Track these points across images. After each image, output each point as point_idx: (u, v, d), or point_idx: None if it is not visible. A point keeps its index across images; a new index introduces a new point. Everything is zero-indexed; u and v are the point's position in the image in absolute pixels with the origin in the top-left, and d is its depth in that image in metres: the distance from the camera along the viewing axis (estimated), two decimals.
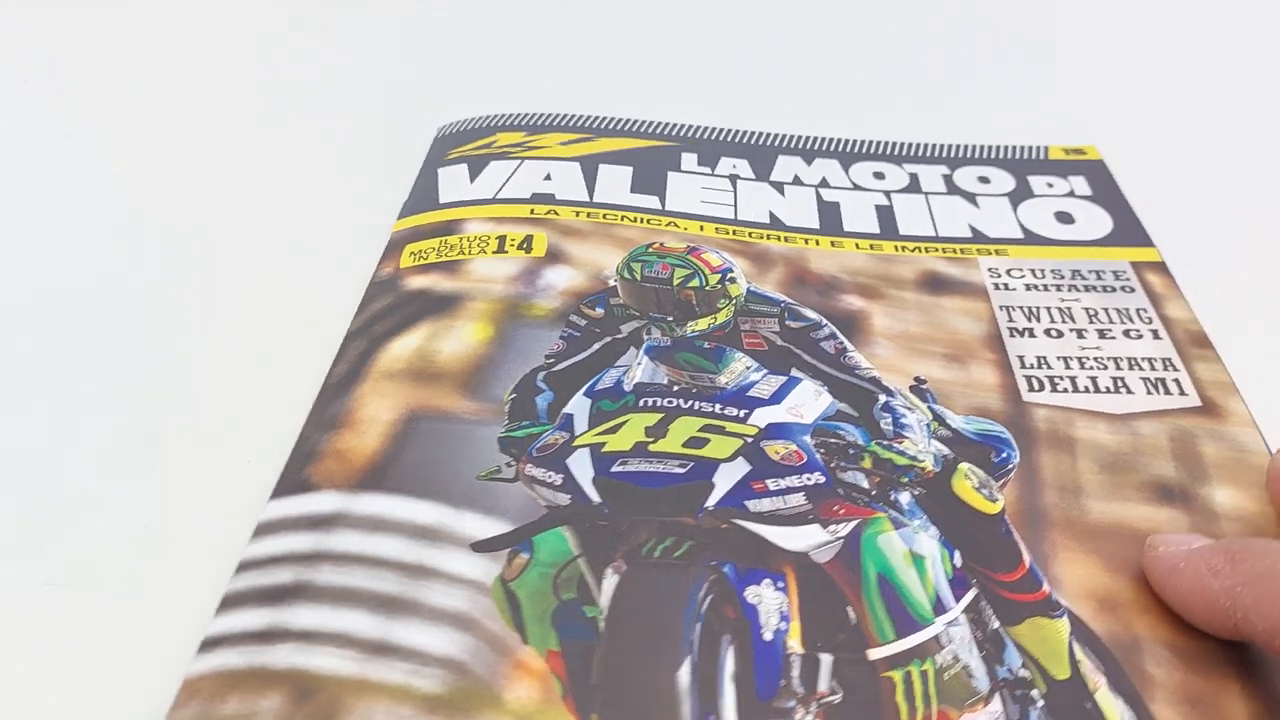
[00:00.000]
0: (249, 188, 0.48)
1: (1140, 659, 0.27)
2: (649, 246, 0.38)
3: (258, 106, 0.55)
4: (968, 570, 0.29)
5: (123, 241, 0.45)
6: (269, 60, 0.60)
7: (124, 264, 0.43)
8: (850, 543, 0.29)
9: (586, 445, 0.31)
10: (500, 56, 0.60)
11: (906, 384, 0.35)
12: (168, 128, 0.53)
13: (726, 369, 0.33)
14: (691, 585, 0.27)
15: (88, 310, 0.40)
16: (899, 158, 0.48)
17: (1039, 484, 0.32)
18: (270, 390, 0.36)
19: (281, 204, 0.47)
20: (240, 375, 0.37)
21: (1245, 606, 0.26)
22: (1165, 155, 0.50)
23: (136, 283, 0.42)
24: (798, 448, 0.31)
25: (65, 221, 0.46)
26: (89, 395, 0.37)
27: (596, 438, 0.31)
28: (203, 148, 0.51)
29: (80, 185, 0.48)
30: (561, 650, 0.27)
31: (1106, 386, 0.36)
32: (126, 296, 0.41)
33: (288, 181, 0.48)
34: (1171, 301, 0.39)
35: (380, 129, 0.52)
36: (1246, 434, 0.34)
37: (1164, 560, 0.28)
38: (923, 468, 0.31)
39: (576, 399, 0.33)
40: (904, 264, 0.41)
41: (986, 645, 0.28)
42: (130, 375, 0.37)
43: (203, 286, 0.42)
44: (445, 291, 0.39)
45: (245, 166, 0.50)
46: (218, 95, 0.56)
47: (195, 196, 0.47)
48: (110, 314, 0.40)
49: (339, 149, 0.51)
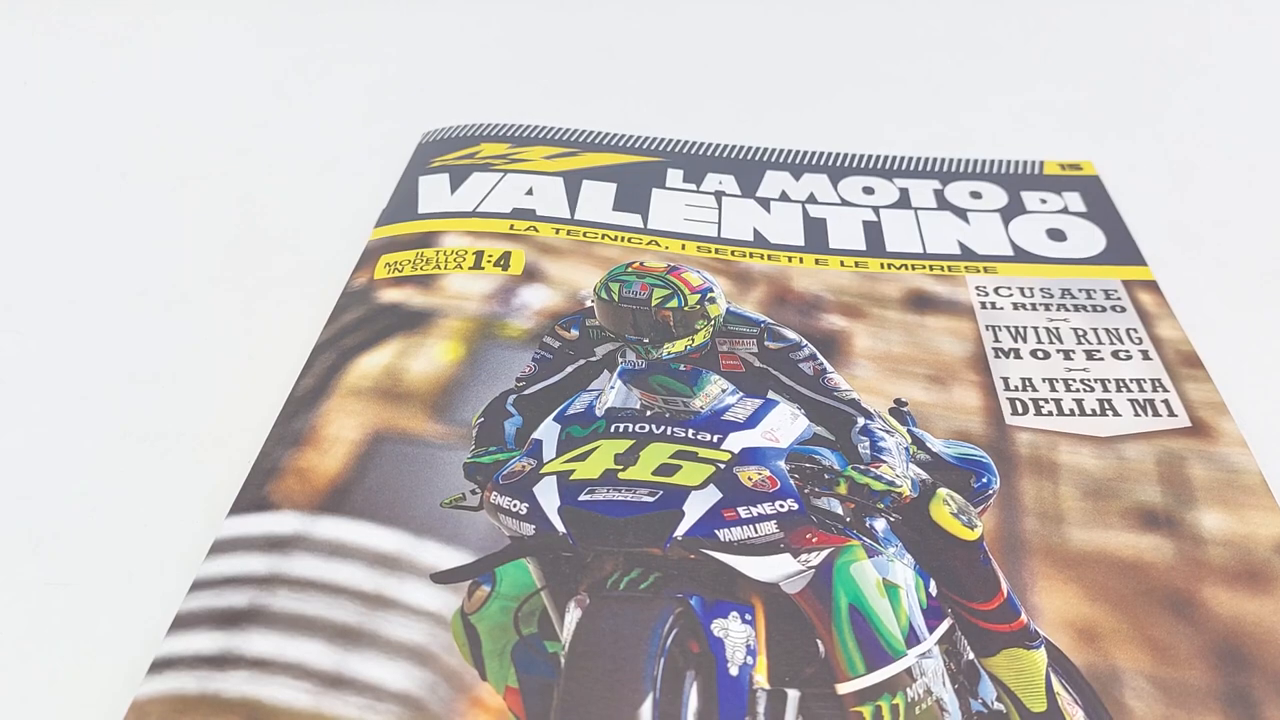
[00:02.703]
0: (228, 187, 0.48)
1: (1120, 691, 0.27)
2: (629, 266, 0.37)
3: (244, 104, 0.55)
4: (943, 599, 0.28)
5: (92, 238, 0.44)
6: (255, 59, 0.59)
7: (88, 262, 0.43)
8: (822, 572, 0.28)
9: (554, 473, 0.30)
10: (490, 65, 0.59)
11: (886, 406, 0.34)
12: (149, 126, 0.53)
13: (701, 392, 0.32)
14: (656, 619, 0.26)
15: (51, 311, 0.40)
16: (890, 172, 0.48)
17: (1019, 510, 0.31)
18: (234, 398, 0.36)
19: (259, 206, 0.46)
20: (203, 381, 0.37)
21: None
22: (1162, 171, 0.50)
23: (99, 280, 0.42)
24: (771, 473, 0.30)
25: (34, 221, 0.46)
26: (47, 398, 0.36)
27: (565, 465, 0.30)
28: (187, 144, 0.51)
29: (53, 186, 0.48)
30: (520, 687, 0.26)
31: (1092, 409, 0.35)
32: (88, 296, 0.41)
33: (267, 183, 0.48)
34: (1163, 321, 0.38)
35: (365, 132, 0.52)
36: (1238, 454, 0.33)
37: None
38: (900, 493, 0.30)
39: (546, 424, 0.32)
40: (889, 282, 0.41)
41: (960, 677, 0.27)
42: (88, 376, 0.37)
43: (172, 286, 0.42)
44: (418, 307, 0.38)
45: (227, 165, 0.49)
46: (205, 91, 0.55)
47: (177, 192, 0.47)
48: (72, 315, 0.40)
49: (321, 152, 0.51)
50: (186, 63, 0.59)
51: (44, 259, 0.43)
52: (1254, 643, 0.28)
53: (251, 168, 0.49)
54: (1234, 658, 0.27)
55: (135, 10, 0.64)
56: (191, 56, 0.60)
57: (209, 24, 0.63)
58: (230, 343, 0.39)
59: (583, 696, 0.25)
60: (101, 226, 0.45)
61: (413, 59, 0.60)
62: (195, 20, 0.63)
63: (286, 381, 0.36)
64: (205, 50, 0.60)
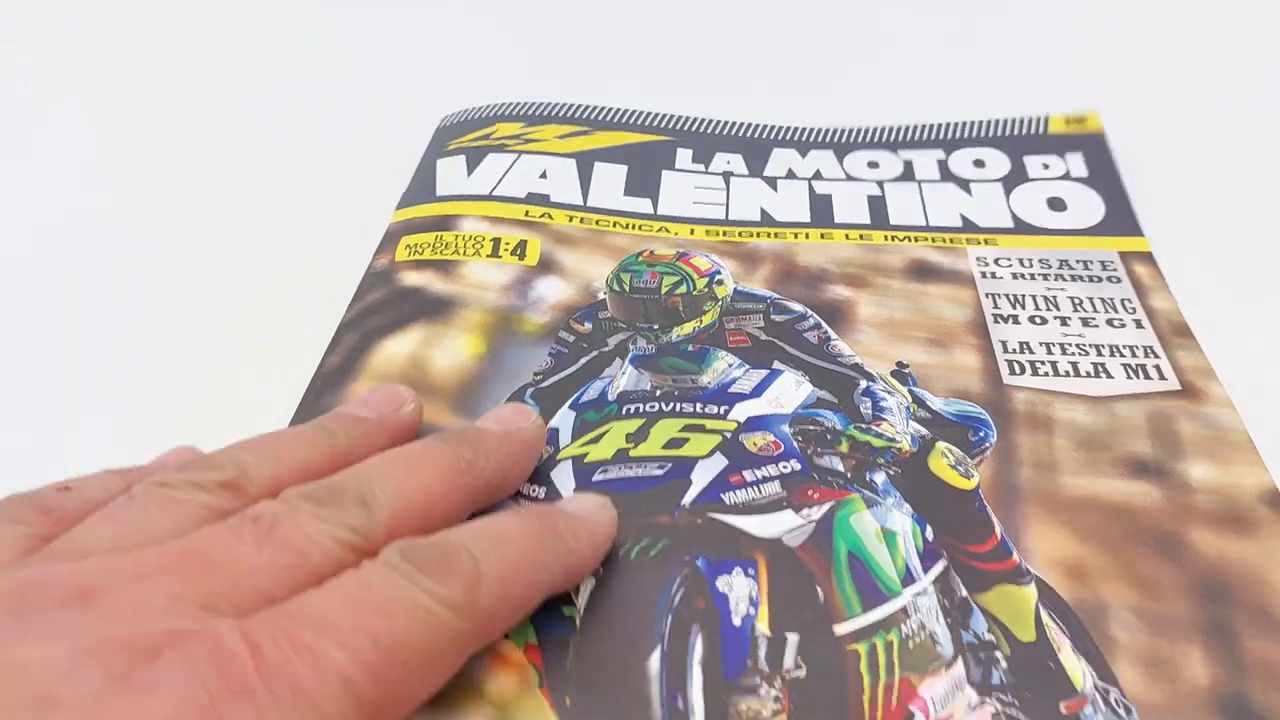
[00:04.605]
0: (253, 171, 0.50)
1: (1105, 623, 0.28)
2: (639, 255, 0.39)
3: (269, 90, 0.57)
4: (939, 543, 0.30)
5: (117, 218, 0.47)
6: (278, 44, 0.61)
7: (114, 242, 0.45)
8: (823, 525, 0.29)
9: (569, 458, 0.32)
10: (505, 47, 0.61)
11: (888, 369, 0.36)
12: (173, 111, 0.55)
13: (709, 369, 0.34)
14: (664, 582, 0.28)
15: (78, 292, 0.42)
16: (895, 144, 0.49)
17: (1015, 461, 0.33)
18: (261, 374, 0.37)
19: (284, 189, 0.48)
20: (231, 358, 0.39)
21: None
22: (1165, 125, 0.51)
23: (126, 260, 0.44)
24: (775, 438, 0.31)
25: (54, 202, 0.48)
26: (79, 376, 0.38)
27: (579, 449, 0.32)
28: (212, 129, 0.53)
29: (75, 165, 0.50)
30: (539, 643, 0.27)
31: (1087, 371, 0.36)
32: (116, 275, 0.43)
33: (292, 167, 0.50)
34: (1157, 293, 0.40)
35: (386, 118, 0.54)
36: (1225, 414, 0.34)
37: None
38: (900, 448, 0.32)
39: (561, 413, 0.34)
40: (893, 253, 0.42)
41: (953, 613, 0.28)
42: (119, 357, 0.39)
43: (199, 263, 0.44)
44: (439, 294, 0.39)
45: (251, 149, 0.52)
46: (225, 77, 0.57)
47: (201, 175, 0.49)
48: (101, 295, 0.42)
49: (344, 137, 0.52)
50: (215, 54, 0.61)
51: (71, 246, 0.45)
52: (1236, 580, 0.29)
53: (277, 153, 0.51)
54: (1216, 593, 0.29)
55: None
56: (221, 47, 0.62)
57: (237, 17, 0.65)
58: (256, 321, 0.40)
59: (596, 649, 0.27)
60: (134, 210, 0.47)
61: (430, 44, 0.62)
62: (223, 10, 0.65)
63: (312, 357, 0.37)
64: (233, 42, 0.62)
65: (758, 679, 0.26)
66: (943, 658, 0.27)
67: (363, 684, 0.21)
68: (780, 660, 0.27)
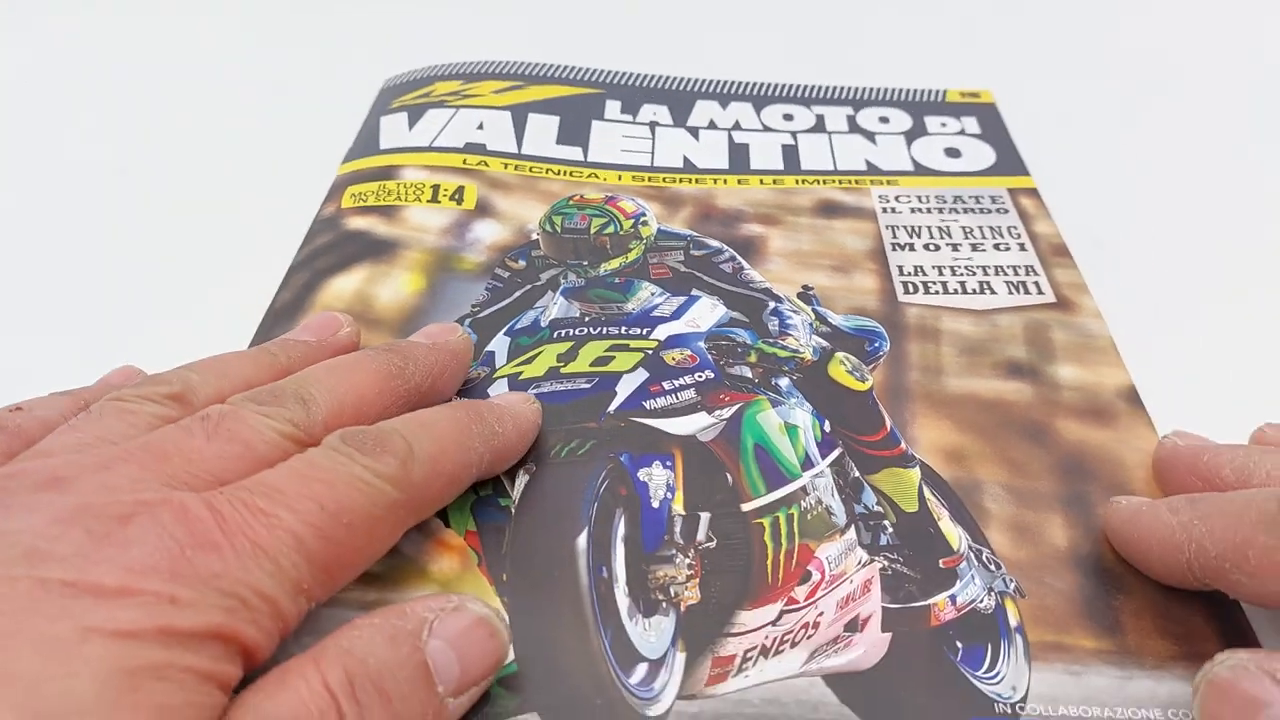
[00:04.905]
0: (210, 133, 0.52)
1: (979, 497, 0.32)
2: (570, 199, 0.43)
3: (225, 59, 0.59)
4: (835, 433, 0.33)
5: (75, 173, 0.49)
6: (233, 19, 0.63)
7: (75, 192, 0.47)
8: (732, 422, 0.33)
9: (505, 376, 0.35)
10: (443, 9, 0.64)
11: (795, 292, 0.40)
12: (128, 67, 0.57)
13: (634, 297, 0.38)
14: (590, 474, 0.31)
15: (36, 234, 0.44)
16: (808, 99, 0.53)
17: (906, 367, 0.36)
18: (215, 312, 0.40)
19: (238, 149, 0.51)
20: (185, 299, 0.41)
21: (1199, 537, 0.27)
22: (1051, 98, 0.55)
23: (89, 209, 0.46)
24: (692, 352, 0.35)
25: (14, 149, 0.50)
26: (31, 316, 0.40)
27: (514, 369, 0.35)
28: (172, 91, 0.56)
29: (38, 117, 0.53)
30: (478, 530, 0.30)
31: (973, 289, 0.40)
32: (77, 221, 0.45)
33: (245, 127, 0.52)
34: (1040, 220, 0.44)
35: (331, 84, 0.56)
36: (1093, 323, 0.38)
37: (1126, 509, 0.30)
38: (802, 358, 0.35)
39: (497, 338, 0.37)
40: (803, 195, 0.46)
41: (847, 490, 0.32)
42: (77, 295, 0.41)
43: (155, 211, 0.46)
44: (383, 236, 0.42)
45: (208, 114, 0.54)
46: (186, 43, 0.60)
47: (160, 127, 0.52)
48: (56, 238, 0.44)
49: (292, 101, 0.55)
50: (176, 25, 0.63)
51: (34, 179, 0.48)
52: (1094, 461, 0.33)
53: (229, 115, 0.54)
54: (1077, 471, 0.33)
55: None
56: (182, 20, 0.64)
57: None
58: (210, 266, 0.43)
59: (530, 532, 0.30)
60: (89, 163, 0.49)
61: (372, 12, 0.64)
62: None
63: (263, 298, 0.40)
64: (194, 14, 0.64)
65: (673, 551, 0.30)
66: (837, 526, 0.31)
67: (312, 542, 0.24)
68: (694, 534, 0.30)
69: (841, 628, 0.29)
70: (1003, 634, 0.29)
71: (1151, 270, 0.42)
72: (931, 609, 0.29)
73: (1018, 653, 0.28)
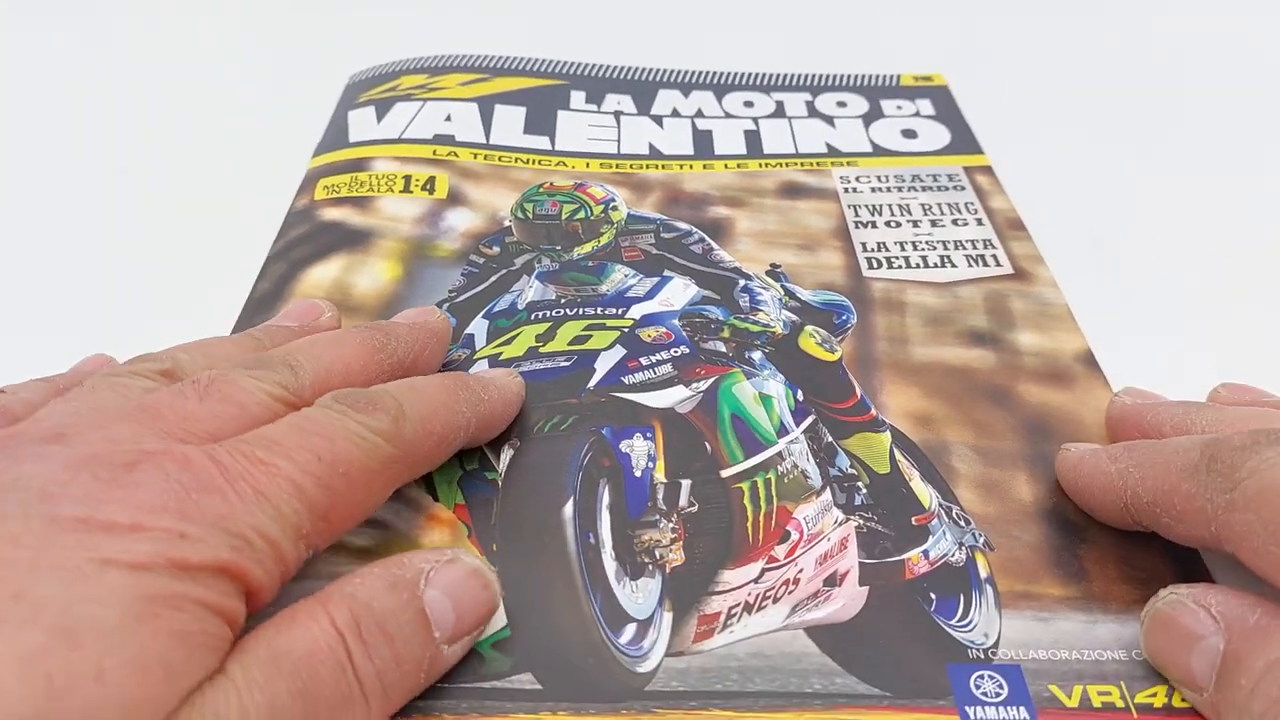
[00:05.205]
0: (184, 130, 0.53)
1: (948, 457, 0.33)
2: (540, 187, 0.44)
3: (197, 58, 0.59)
4: (808, 402, 0.35)
5: (51, 170, 0.49)
6: (205, 17, 0.64)
7: (53, 190, 0.48)
8: (709, 394, 0.34)
9: (485, 357, 0.36)
10: (407, 5, 0.64)
11: (764, 270, 0.41)
12: (104, 64, 0.57)
13: (608, 279, 0.39)
14: (574, 447, 0.32)
15: (36, 234, 0.45)
16: (768, 87, 0.54)
17: (873, 338, 0.38)
18: (193, 304, 0.40)
19: (208, 145, 0.51)
20: (164, 294, 0.42)
21: (1133, 484, 0.28)
22: (1001, 80, 0.57)
23: (65, 205, 0.46)
24: (667, 329, 0.36)
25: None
26: (31, 316, 0.41)
27: (494, 350, 0.36)
28: (142, 85, 0.56)
29: (37, 117, 0.53)
30: (467, 503, 0.31)
31: (934, 263, 0.41)
32: (54, 218, 0.46)
33: (215, 124, 0.53)
34: (995, 196, 0.45)
35: (297, 82, 0.57)
36: (1050, 293, 0.40)
37: (1073, 456, 0.31)
38: (774, 332, 0.37)
39: (476, 321, 0.38)
40: (767, 178, 0.47)
41: (821, 454, 0.33)
42: (63, 286, 0.42)
43: (133, 206, 0.47)
44: (357, 226, 0.43)
45: (181, 109, 0.54)
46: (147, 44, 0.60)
47: (131, 124, 0.52)
48: (46, 229, 0.45)
49: (261, 98, 0.55)
50: (152, 24, 0.63)
51: (14, 183, 0.48)
52: (1055, 421, 0.35)
53: (201, 112, 0.54)
54: (1039, 431, 0.34)
55: None
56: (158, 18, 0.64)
57: None
58: (187, 260, 0.43)
59: (517, 503, 0.31)
60: (71, 157, 0.50)
61: (336, 8, 0.65)
62: None
63: (242, 290, 0.40)
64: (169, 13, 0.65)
65: (657, 516, 0.31)
66: (813, 488, 0.32)
67: (312, 490, 0.24)
68: (676, 500, 0.31)
69: (821, 583, 0.30)
70: (974, 585, 0.30)
71: (1104, 239, 0.44)
72: (906, 563, 0.31)
73: (988, 602, 0.30)
